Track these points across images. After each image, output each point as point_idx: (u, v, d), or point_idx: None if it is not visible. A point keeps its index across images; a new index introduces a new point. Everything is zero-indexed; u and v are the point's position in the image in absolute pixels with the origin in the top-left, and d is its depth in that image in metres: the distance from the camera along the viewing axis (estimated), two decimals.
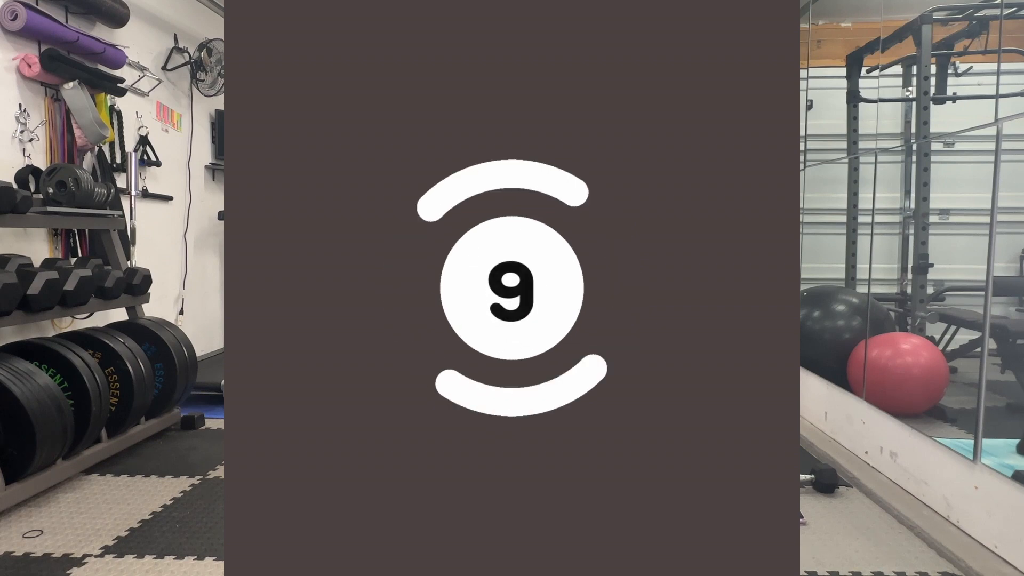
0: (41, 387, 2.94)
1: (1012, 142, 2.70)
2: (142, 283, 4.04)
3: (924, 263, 3.83)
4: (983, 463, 2.73)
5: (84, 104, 3.91)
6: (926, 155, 3.83)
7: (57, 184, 3.51)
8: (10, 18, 3.50)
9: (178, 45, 5.08)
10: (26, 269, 3.20)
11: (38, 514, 2.96)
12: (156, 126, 4.91)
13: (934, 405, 3.52)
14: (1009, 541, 2.56)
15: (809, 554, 2.71)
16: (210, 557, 2.60)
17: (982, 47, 3.46)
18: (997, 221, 2.65)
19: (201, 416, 4.27)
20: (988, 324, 2.74)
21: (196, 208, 5.44)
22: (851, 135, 4.65)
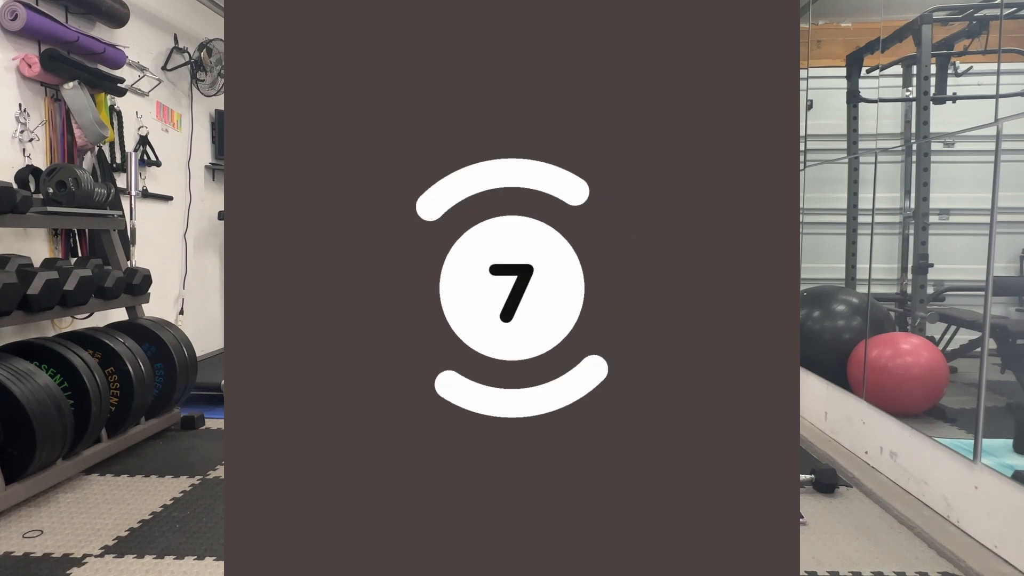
0: (41, 387, 2.94)
1: (1012, 142, 2.70)
2: (142, 283, 4.04)
3: (924, 263, 3.83)
4: (983, 463, 2.73)
5: (84, 104, 3.91)
6: (926, 155, 3.83)
7: (57, 184, 3.51)
8: (10, 18, 3.50)
9: (178, 45, 5.08)
10: (26, 269, 3.20)
11: (38, 514, 2.95)
12: (156, 126, 4.91)
13: (934, 405, 3.52)
14: (1009, 541, 2.56)
15: (809, 554, 2.71)
16: (210, 557, 2.60)
17: (982, 47, 3.46)
18: (997, 221, 2.65)
19: (201, 416, 4.27)
20: (988, 324, 2.74)
21: (196, 208, 5.44)
22: (851, 135, 4.65)
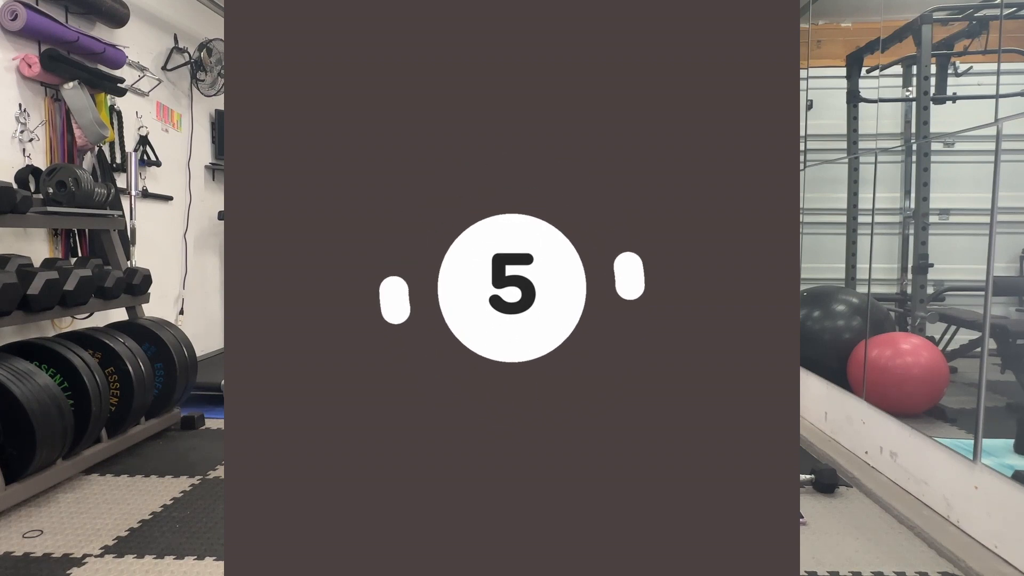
0: (41, 387, 2.94)
1: (1012, 142, 2.70)
2: (142, 283, 4.04)
3: (924, 263, 3.83)
4: (983, 463, 2.73)
5: (84, 104, 3.91)
6: (926, 155, 3.83)
7: (57, 184, 3.51)
8: (10, 18, 3.50)
9: (178, 45, 5.07)
10: (26, 269, 3.20)
11: (38, 514, 2.95)
12: (156, 126, 4.91)
13: (934, 405, 3.52)
14: (1009, 541, 2.56)
15: (809, 554, 2.71)
16: (210, 557, 2.60)
17: (982, 47, 3.46)
18: (997, 221, 2.65)
19: (201, 416, 4.27)
20: (988, 324, 2.74)
21: (196, 208, 5.44)
22: (851, 135, 4.65)
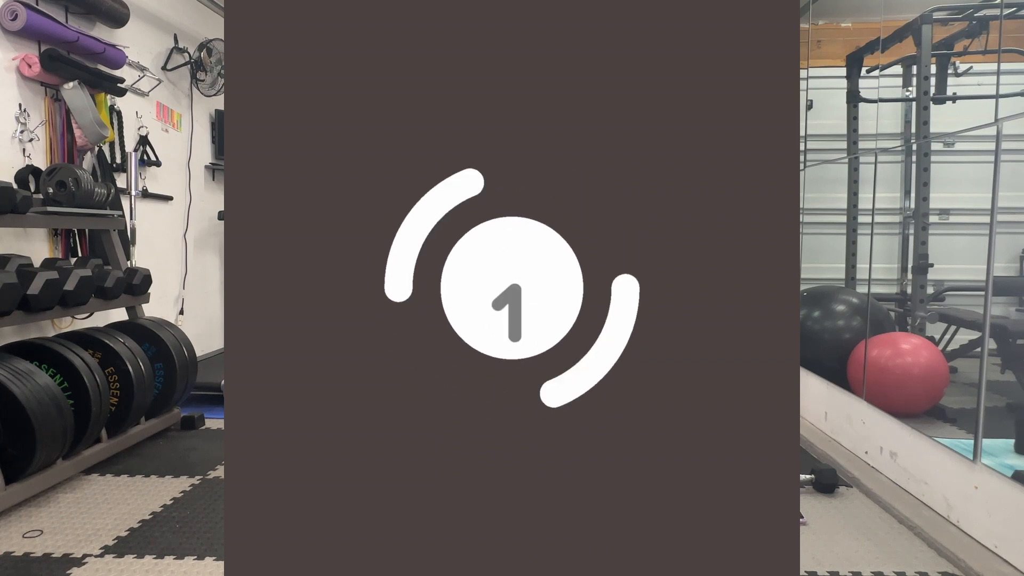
0: (41, 387, 2.94)
1: (1012, 142, 2.70)
2: (142, 283, 4.04)
3: (924, 263, 3.83)
4: (983, 463, 2.73)
5: (84, 104, 3.90)
6: (926, 155, 3.83)
7: (57, 184, 3.51)
8: (10, 18, 3.50)
9: (178, 45, 5.07)
10: (26, 269, 3.20)
11: (38, 514, 2.95)
12: (156, 126, 4.91)
13: (934, 405, 3.52)
14: (1009, 541, 2.56)
15: (809, 554, 2.71)
16: (210, 557, 2.60)
17: (982, 47, 3.46)
18: (997, 221, 2.65)
19: (201, 416, 4.27)
20: (988, 324, 2.74)
21: (196, 208, 5.44)
22: (851, 135, 4.65)
